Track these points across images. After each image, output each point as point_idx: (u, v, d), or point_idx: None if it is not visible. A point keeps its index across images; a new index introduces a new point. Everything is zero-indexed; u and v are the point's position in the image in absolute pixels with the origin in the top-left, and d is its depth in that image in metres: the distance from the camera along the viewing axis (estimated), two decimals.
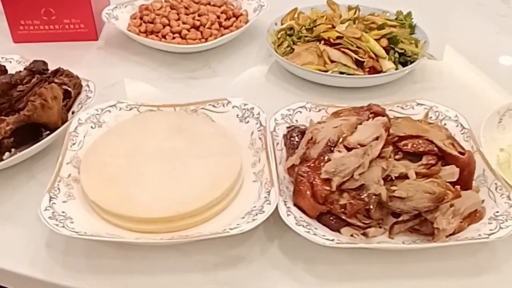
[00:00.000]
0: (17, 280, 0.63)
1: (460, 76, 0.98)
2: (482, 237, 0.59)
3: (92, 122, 0.76)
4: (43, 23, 1.05)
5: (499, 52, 1.05)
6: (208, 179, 0.67)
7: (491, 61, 1.03)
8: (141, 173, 0.68)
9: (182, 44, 0.99)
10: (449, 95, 0.92)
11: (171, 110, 0.80)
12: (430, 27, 1.06)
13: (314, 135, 0.68)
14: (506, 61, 1.03)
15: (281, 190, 0.65)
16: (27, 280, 0.62)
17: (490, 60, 1.03)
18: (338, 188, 0.63)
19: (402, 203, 0.62)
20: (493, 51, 1.05)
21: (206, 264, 0.63)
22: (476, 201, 0.63)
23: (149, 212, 0.63)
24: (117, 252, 0.64)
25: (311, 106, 0.78)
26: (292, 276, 0.61)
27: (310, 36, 0.97)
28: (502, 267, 0.62)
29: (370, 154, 0.63)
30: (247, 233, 0.63)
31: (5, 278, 0.64)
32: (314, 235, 0.59)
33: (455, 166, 0.64)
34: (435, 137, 0.67)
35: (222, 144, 0.73)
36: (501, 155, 0.74)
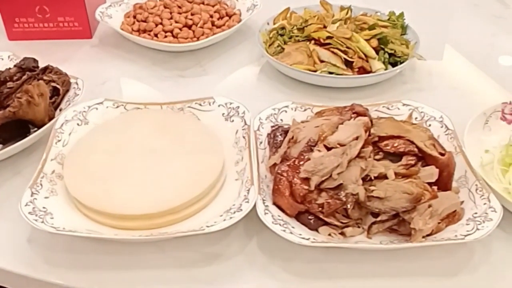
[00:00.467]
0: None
1: (450, 77, 0.98)
2: (458, 238, 0.59)
3: (79, 120, 0.77)
4: (37, 21, 1.06)
5: (491, 53, 1.05)
6: (189, 177, 0.67)
7: (483, 63, 1.02)
8: (123, 170, 0.68)
9: (174, 43, 1.00)
10: (438, 96, 0.92)
11: (157, 108, 0.80)
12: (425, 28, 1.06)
13: (295, 135, 0.68)
14: (497, 62, 1.02)
15: (261, 189, 0.65)
16: (8, 275, 0.63)
17: (482, 61, 1.02)
18: (317, 188, 0.63)
19: (380, 203, 0.62)
20: (486, 53, 1.05)
21: (184, 261, 0.63)
22: (454, 202, 0.63)
23: (128, 209, 0.64)
24: (97, 247, 0.65)
25: (296, 106, 0.78)
26: (269, 274, 0.61)
27: (300, 36, 0.97)
28: (479, 268, 0.62)
29: (348, 154, 0.63)
30: (226, 230, 0.64)
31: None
32: (290, 233, 0.59)
33: (434, 167, 0.64)
34: (417, 137, 0.67)
35: (205, 143, 0.73)
36: (485, 157, 0.73)
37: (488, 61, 1.03)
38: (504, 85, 0.95)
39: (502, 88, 0.95)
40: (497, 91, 0.94)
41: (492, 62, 1.02)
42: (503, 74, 0.99)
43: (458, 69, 1.01)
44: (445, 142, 0.73)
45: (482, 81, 0.97)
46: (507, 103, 0.80)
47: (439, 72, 0.99)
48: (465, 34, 1.13)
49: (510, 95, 0.89)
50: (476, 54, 1.05)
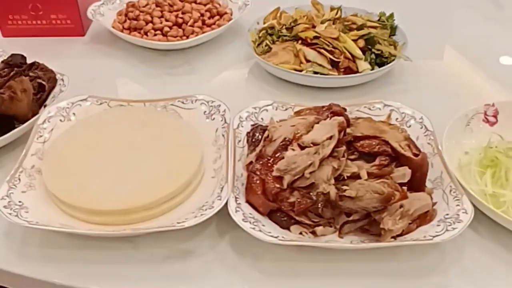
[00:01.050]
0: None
1: (438, 79, 0.97)
2: (426, 238, 0.59)
3: (62, 116, 0.78)
4: (30, 18, 1.07)
5: (481, 55, 1.04)
6: (164, 174, 0.68)
7: (472, 64, 1.02)
8: (100, 166, 0.69)
9: (163, 41, 1.00)
10: (424, 97, 0.92)
11: (140, 105, 0.81)
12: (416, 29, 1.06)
13: (271, 133, 0.69)
14: (487, 64, 1.01)
15: (235, 187, 0.66)
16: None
17: (470, 63, 1.02)
18: (290, 186, 0.64)
19: (351, 203, 0.62)
20: (476, 54, 1.05)
21: (156, 257, 0.64)
22: (426, 203, 0.62)
23: (102, 204, 0.64)
24: (72, 242, 0.65)
25: (277, 105, 0.79)
26: (238, 272, 0.62)
27: (289, 35, 0.97)
28: (450, 269, 0.62)
29: (321, 153, 0.63)
30: (199, 228, 0.65)
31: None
32: (259, 231, 0.59)
33: (407, 168, 0.65)
34: (392, 138, 0.67)
35: (184, 140, 0.74)
36: (463, 158, 0.73)
37: (477, 62, 1.02)
38: (491, 86, 0.95)
39: (489, 89, 0.94)
40: (484, 93, 0.93)
41: (481, 64, 1.02)
42: (491, 76, 0.98)
43: (446, 71, 1.00)
44: (424, 143, 0.73)
45: (470, 82, 0.97)
46: (490, 105, 0.80)
47: (427, 73, 0.99)
48: (457, 35, 1.13)
49: (496, 97, 0.89)
50: (466, 55, 1.05)
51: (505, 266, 0.62)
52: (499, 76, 0.98)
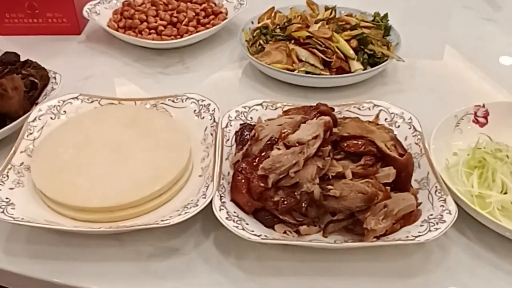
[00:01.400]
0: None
1: (432, 79, 0.97)
2: (408, 238, 0.59)
3: (52, 113, 0.78)
4: (27, 17, 1.08)
5: (477, 56, 1.04)
6: (151, 172, 0.68)
7: (466, 66, 1.02)
8: (88, 164, 0.69)
9: (157, 40, 1.01)
10: (417, 97, 0.92)
11: (131, 104, 0.81)
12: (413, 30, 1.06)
13: (258, 132, 0.69)
14: (481, 65, 1.01)
15: (221, 185, 0.66)
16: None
17: (465, 64, 1.02)
18: (275, 186, 0.64)
19: (336, 202, 0.62)
20: (469, 55, 1.04)
21: (141, 254, 0.64)
22: (410, 203, 0.62)
23: (88, 201, 0.65)
24: (59, 239, 0.66)
25: (267, 104, 0.79)
26: (221, 270, 0.62)
27: (282, 35, 0.98)
28: (435, 270, 0.62)
29: (305, 153, 0.63)
30: (184, 226, 0.65)
31: None
32: (242, 230, 0.60)
33: (392, 168, 0.64)
34: (379, 138, 0.67)
35: (172, 139, 0.74)
36: (451, 159, 0.73)
37: (472, 63, 1.02)
38: (486, 87, 0.95)
39: (483, 91, 0.94)
40: (478, 94, 0.93)
41: (476, 65, 1.01)
42: (486, 77, 0.98)
43: (440, 71, 1.00)
44: (412, 143, 0.73)
45: (464, 83, 0.96)
46: (480, 106, 0.80)
47: (421, 73, 0.99)
48: (453, 36, 1.13)
49: (490, 98, 0.89)
50: (461, 56, 1.05)
51: (489, 267, 0.62)
52: (494, 77, 0.98)
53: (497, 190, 0.67)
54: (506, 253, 0.63)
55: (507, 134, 0.76)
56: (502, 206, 0.66)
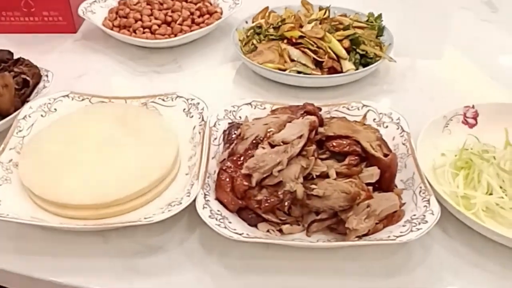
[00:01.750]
0: None
1: (424, 80, 0.97)
2: (390, 238, 0.59)
3: (43, 111, 0.79)
4: (23, 15, 1.09)
5: (469, 57, 1.03)
6: (137, 170, 0.68)
7: (459, 67, 1.01)
8: (75, 161, 0.70)
9: (150, 39, 1.01)
10: (408, 98, 0.92)
11: (121, 102, 0.82)
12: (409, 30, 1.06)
13: (243, 131, 0.69)
14: (475, 66, 1.01)
15: (206, 184, 0.66)
16: None
17: (458, 65, 1.02)
18: (259, 184, 0.64)
19: (319, 202, 0.62)
20: (464, 57, 1.04)
21: (126, 251, 0.64)
22: (394, 204, 0.62)
23: (74, 198, 0.65)
24: (45, 236, 0.66)
25: (256, 104, 0.79)
26: (204, 268, 0.62)
27: (275, 34, 0.98)
28: (417, 269, 0.62)
29: (289, 152, 0.63)
30: (169, 223, 0.66)
31: None
32: (224, 228, 0.60)
33: (376, 168, 0.65)
34: (364, 138, 0.67)
35: (160, 137, 0.74)
36: (437, 160, 0.73)
37: (466, 64, 1.02)
38: (478, 89, 0.94)
39: (475, 92, 0.94)
40: (470, 95, 0.92)
41: (470, 66, 1.01)
42: (479, 78, 0.98)
43: (433, 72, 1.00)
44: (400, 143, 0.73)
45: (457, 84, 0.96)
46: (470, 107, 0.80)
47: (414, 74, 0.99)
48: (449, 37, 1.13)
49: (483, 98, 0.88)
50: (455, 57, 1.05)
51: (472, 267, 0.62)
52: (488, 78, 0.97)
53: (482, 191, 0.67)
54: (490, 253, 0.63)
55: (496, 135, 0.76)
56: (487, 207, 0.66)
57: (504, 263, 0.62)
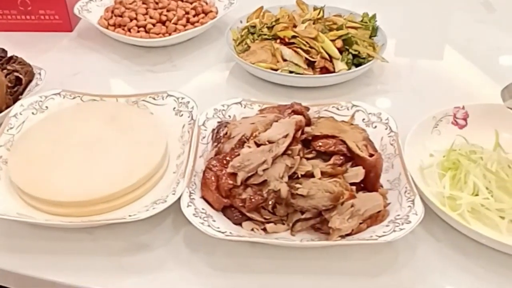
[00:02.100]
0: None
1: (417, 81, 0.97)
2: (372, 238, 0.59)
3: (34, 108, 0.80)
4: (20, 13, 1.09)
5: (463, 58, 1.03)
6: (125, 168, 0.69)
7: (452, 68, 1.01)
8: (63, 158, 0.70)
9: (145, 37, 1.01)
10: (400, 98, 0.92)
11: (113, 100, 0.82)
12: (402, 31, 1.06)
13: (230, 130, 0.69)
14: (468, 67, 1.01)
15: (192, 182, 0.66)
16: None
17: (452, 66, 1.02)
18: (244, 183, 0.64)
19: (303, 201, 0.63)
20: (458, 57, 1.04)
21: (112, 248, 0.65)
22: (378, 203, 0.63)
23: (61, 195, 0.66)
24: (33, 232, 0.67)
25: (246, 103, 0.79)
26: (190, 266, 0.63)
27: (268, 34, 0.98)
28: (402, 269, 0.62)
29: (274, 151, 0.64)
30: (155, 222, 0.66)
31: None
32: (208, 226, 0.60)
33: (361, 168, 0.65)
34: (351, 138, 0.67)
35: (149, 135, 0.74)
36: (425, 160, 0.73)
37: (460, 65, 1.02)
38: (471, 90, 0.94)
39: (469, 93, 0.93)
40: (463, 96, 0.92)
41: (464, 66, 1.01)
42: (473, 79, 0.98)
43: (427, 73, 1.00)
44: (388, 143, 0.73)
45: (450, 85, 0.96)
46: (460, 108, 0.80)
47: (407, 74, 0.99)
48: (444, 38, 1.12)
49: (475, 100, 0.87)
50: (449, 58, 1.05)
51: (456, 268, 0.62)
52: (481, 79, 0.97)
53: (469, 192, 0.67)
54: (475, 254, 0.63)
55: (486, 136, 0.76)
56: (472, 208, 0.66)
57: (488, 265, 0.62)
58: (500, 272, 0.62)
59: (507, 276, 0.61)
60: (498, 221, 0.64)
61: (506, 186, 0.66)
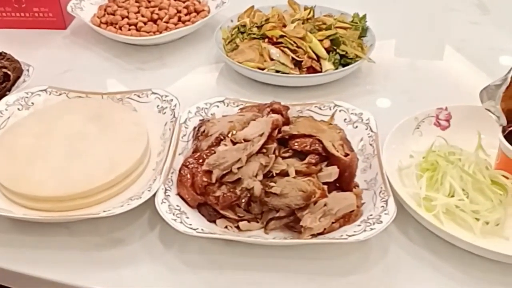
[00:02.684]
0: None
1: (405, 81, 0.97)
2: (342, 237, 0.59)
3: (20, 105, 0.81)
4: (14, 11, 1.11)
5: (455, 59, 1.03)
6: (104, 164, 0.69)
7: (442, 69, 1.01)
8: (44, 154, 0.71)
9: (135, 36, 1.02)
10: (387, 99, 0.92)
11: (98, 97, 0.83)
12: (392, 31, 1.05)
13: (208, 128, 0.70)
14: (458, 69, 1.00)
15: (169, 179, 0.67)
16: None
17: (442, 67, 1.01)
18: (219, 181, 0.65)
19: (277, 199, 0.63)
20: (449, 59, 1.04)
21: (88, 243, 0.66)
22: (350, 203, 0.63)
23: (39, 190, 0.66)
24: (14, 227, 0.68)
25: (229, 102, 0.80)
26: (163, 262, 0.63)
27: (257, 33, 0.98)
28: (373, 269, 0.62)
29: (248, 150, 0.64)
30: (131, 218, 0.68)
31: None
32: (180, 223, 0.61)
33: (336, 167, 0.65)
34: (327, 137, 0.68)
35: (131, 132, 0.75)
36: (404, 161, 0.73)
37: (451, 66, 1.01)
38: (460, 91, 0.93)
39: (457, 94, 0.93)
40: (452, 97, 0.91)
41: (454, 68, 1.01)
42: (462, 80, 0.97)
43: (416, 74, 1.00)
44: (367, 144, 0.73)
45: (438, 86, 0.95)
46: (443, 109, 0.80)
47: (396, 75, 0.99)
48: (436, 39, 1.12)
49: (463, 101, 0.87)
50: (440, 59, 1.04)
51: (428, 269, 0.62)
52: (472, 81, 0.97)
53: (444, 193, 0.67)
54: (447, 255, 0.63)
55: (468, 137, 0.75)
56: (447, 209, 0.65)
57: (460, 266, 0.62)
58: (472, 274, 0.62)
59: (478, 277, 0.61)
60: (473, 223, 0.64)
61: (482, 188, 0.66)
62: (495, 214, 0.64)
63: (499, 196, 0.66)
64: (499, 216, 0.64)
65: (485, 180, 0.66)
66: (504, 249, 0.61)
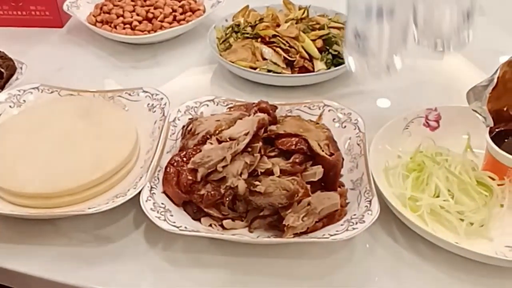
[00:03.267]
0: None
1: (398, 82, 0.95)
2: (324, 237, 0.59)
3: (12, 102, 0.81)
4: (11, 9, 1.12)
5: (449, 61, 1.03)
6: (92, 161, 0.70)
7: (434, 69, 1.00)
8: (32, 151, 0.72)
9: (130, 34, 1.03)
10: (378, 99, 0.92)
11: (89, 95, 0.84)
12: None
13: (194, 127, 0.70)
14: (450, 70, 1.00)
15: (155, 177, 0.67)
16: None
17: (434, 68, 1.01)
18: (204, 179, 0.65)
19: (261, 198, 0.63)
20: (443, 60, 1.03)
21: (73, 240, 0.66)
22: (334, 203, 0.63)
23: (26, 187, 0.67)
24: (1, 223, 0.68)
25: (218, 101, 0.80)
26: (147, 260, 0.63)
27: (250, 33, 0.98)
28: (355, 269, 0.62)
29: (233, 148, 0.64)
30: (117, 215, 0.68)
31: None
32: (163, 221, 0.61)
33: (321, 167, 0.65)
34: (314, 137, 0.68)
35: (120, 130, 0.76)
36: (391, 161, 0.73)
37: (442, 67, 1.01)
38: (451, 92, 0.93)
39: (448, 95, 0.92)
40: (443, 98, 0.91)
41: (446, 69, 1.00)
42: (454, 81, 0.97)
43: (408, 74, 0.98)
44: (355, 144, 0.73)
45: (430, 87, 0.95)
46: (432, 109, 0.80)
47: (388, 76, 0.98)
48: None
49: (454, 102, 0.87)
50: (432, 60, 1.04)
51: (411, 270, 0.62)
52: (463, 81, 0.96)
53: (430, 193, 0.66)
54: (431, 256, 0.63)
55: (457, 138, 0.76)
56: (432, 210, 0.65)
57: (443, 266, 0.62)
58: (456, 275, 0.62)
59: (462, 279, 0.61)
60: (457, 224, 0.64)
61: (468, 188, 0.66)
62: (479, 215, 0.64)
63: (484, 197, 0.65)
64: (484, 217, 0.64)
65: (471, 181, 0.66)
66: (487, 250, 0.61)
